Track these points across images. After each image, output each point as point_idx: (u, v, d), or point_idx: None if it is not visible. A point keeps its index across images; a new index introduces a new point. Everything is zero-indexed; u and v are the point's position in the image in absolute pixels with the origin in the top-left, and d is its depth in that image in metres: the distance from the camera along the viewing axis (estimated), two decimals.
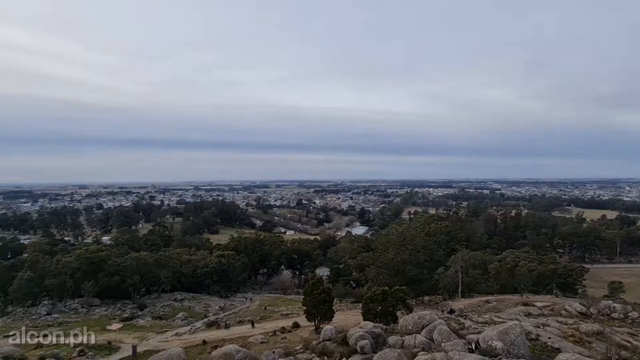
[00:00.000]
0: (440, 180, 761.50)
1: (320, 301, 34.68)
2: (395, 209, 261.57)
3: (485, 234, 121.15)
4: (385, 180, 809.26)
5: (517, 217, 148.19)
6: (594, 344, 27.99)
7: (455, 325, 28.56)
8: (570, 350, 23.60)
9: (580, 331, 29.99)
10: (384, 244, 62.03)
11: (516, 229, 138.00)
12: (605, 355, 24.10)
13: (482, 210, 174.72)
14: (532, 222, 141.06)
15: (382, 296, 33.43)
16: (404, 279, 52.13)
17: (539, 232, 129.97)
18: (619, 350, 25.47)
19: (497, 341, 20.12)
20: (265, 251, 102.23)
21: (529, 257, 75.17)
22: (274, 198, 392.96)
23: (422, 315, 27.21)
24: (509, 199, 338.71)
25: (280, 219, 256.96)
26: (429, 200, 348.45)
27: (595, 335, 29.53)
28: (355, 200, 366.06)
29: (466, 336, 23.62)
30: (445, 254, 72.09)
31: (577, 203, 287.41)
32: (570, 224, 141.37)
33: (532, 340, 26.59)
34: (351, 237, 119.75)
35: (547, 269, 67.79)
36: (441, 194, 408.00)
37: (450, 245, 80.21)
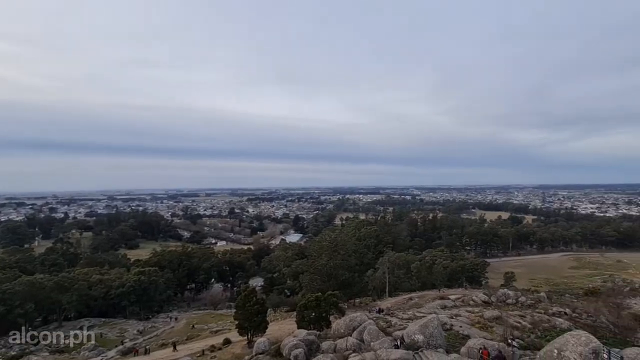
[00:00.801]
0: (370, 187, 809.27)
1: (254, 313, 33.60)
2: (328, 215, 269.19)
3: (408, 236, 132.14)
4: (318, 187, 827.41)
5: (434, 220, 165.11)
6: (495, 327, 32.46)
7: (383, 324, 30.37)
8: (477, 336, 26.98)
9: (484, 318, 34.47)
10: (317, 250, 63.12)
11: (433, 230, 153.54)
12: (503, 336, 28.19)
13: (405, 215, 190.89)
14: (446, 224, 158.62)
15: (315, 302, 33.84)
16: (336, 283, 53.67)
17: (451, 232, 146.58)
18: (512, 330, 30.04)
19: (419, 335, 21.91)
20: (193, 265, 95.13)
21: (444, 255, 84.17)
22: (203, 207, 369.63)
23: (353, 317, 28.27)
24: (427, 203, 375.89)
25: (211, 229, 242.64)
26: (359, 206, 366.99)
27: (496, 320, 34.28)
28: (289, 208, 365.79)
29: (393, 333, 25.28)
30: (374, 257, 76.40)
31: (479, 206, 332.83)
32: (474, 224, 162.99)
33: (447, 330, 29.70)
34: (285, 245, 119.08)
35: (458, 265, 76.74)
36: (370, 200, 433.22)
37: (378, 248, 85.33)
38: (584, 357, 13.34)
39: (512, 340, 25.60)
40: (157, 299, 74.40)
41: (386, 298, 58.30)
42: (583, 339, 14.25)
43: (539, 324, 33.47)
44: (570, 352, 13.68)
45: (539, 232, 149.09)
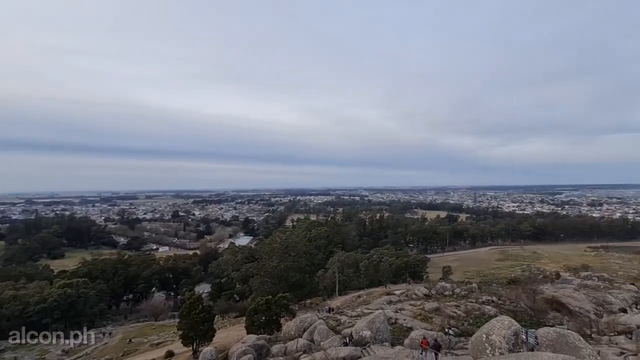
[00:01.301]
0: (321, 188, 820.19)
1: (199, 321, 31.92)
2: (279, 217, 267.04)
3: (357, 236, 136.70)
4: (269, 189, 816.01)
5: (380, 219, 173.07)
6: (434, 318, 35.08)
7: (333, 322, 31.01)
8: (419, 327, 28.91)
9: (425, 310, 37.04)
10: (268, 253, 62.23)
11: (380, 229, 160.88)
12: (441, 326, 30.59)
13: (354, 215, 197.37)
14: (392, 223, 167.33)
15: (266, 306, 33.33)
16: (287, 285, 53.44)
17: (396, 231, 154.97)
18: (449, 320, 32.74)
19: (366, 331, 22.78)
20: (130, 273, 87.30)
21: (390, 253, 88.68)
22: (143, 210, 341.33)
23: (303, 318, 28.43)
24: (375, 204, 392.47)
25: (152, 235, 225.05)
26: (311, 207, 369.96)
27: (435, 311, 37.05)
28: (239, 210, 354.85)
29: (342, 331, 25.95)
30: (324, 257, 77.58)
31: (421, 206, 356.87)
32: (417, 223, 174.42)
33: (393, 324, 31.34)
34: (235, 249, 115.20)
35: (402, 261, 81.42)
36: (321, 201, 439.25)
37: (328, 249, 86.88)
38: (507, 339, 15.08)
39: (448, 329, 27.90)
40: (87, 314, 66.80)
41: (336, 297, 59.54)
42: (506, 323, 16.12)
43: (471, 312, 36.95)
44: (496, 336, 15.38)
45: (471, 228, 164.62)
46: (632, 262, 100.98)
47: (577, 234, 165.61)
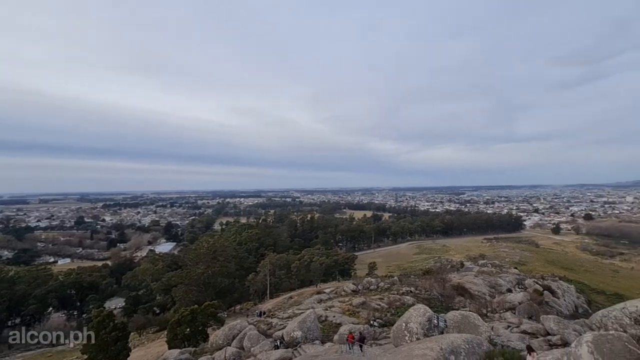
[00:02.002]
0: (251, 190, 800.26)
1: (110, 341, 28.24)
2: (207, 220, 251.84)
3: (288, 237, 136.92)
4: (196, 191, 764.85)
5: (311, 220, 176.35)
6: (361, 312, 37.20)
7: (264, 326, 30.56)
8: (347, 322, 30.33)
9: (353, 305, 39.00)
10: (193, 259, 58.31)
11: (311, 230, 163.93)
12: (367, 319, 32.61)
13: (285, 217, 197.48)
14: (322, 223, 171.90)
15: (191, 316, 31.16)
16: (215, 292, 50.83)
17: (326, 231, 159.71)
18: (374, 312, 35.08)
19: (297, 331, 23.02)
20: (17, 293, 72.59)
21: (320, 252, 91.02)
22: (36, 217, 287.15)
23: (232, 325, 27.41)
24: (306, 205, 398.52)
25: (48, 245, 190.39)
26: (241, 210, 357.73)
27: (362, 306, 39.30)
28: (160, 214, 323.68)
29: (273, 334, 25.75)
30: (255, 260, 75.97)
31: (349, 206, 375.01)
32: (345, 223, 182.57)
33: (323, 322, 32.28)
34: (155, 256, 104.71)
35: (332, 260, 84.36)
36: (252, 204, 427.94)
37: (260, 251, 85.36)
38: (422, 325, 16.87)
39: (373, 321, 29.88)
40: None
41: (267, 300, 58.79)
42: (421, 311, 18.02)
43: (393, 303, 40.18)
44: (413, 323, 17.08)
45: (393, 226, 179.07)
46: (515, 250, 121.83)
47: (476, 228, 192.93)
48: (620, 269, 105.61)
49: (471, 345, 10.67)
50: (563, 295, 52.42)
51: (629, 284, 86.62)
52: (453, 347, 10.33)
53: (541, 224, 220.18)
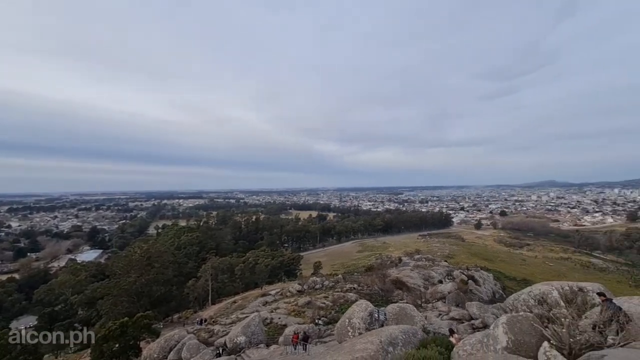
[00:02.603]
0: (192, 191, 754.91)
1: None
2: (140, 224, 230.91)
3: (232, 240, 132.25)
4: (127, 192, 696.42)
5: (256, 221, 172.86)
6: (307, 311, 37.55)
7: (206, 334, 29.11)
8: (293, 323, 30.37)
9: (298, 305, 39.18)
10: (124, 267, 52.98)
11: (256, 231, 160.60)
12: (312, 318, 33.01)
13: (229, 218, 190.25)
14: (267, 224, 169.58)
15: (120, 330, 28.26)
16: (149, 301, 46.92)
17: (272, 232, 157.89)
18: (319, 311, 35.65)
19: (241, 336, 22.37)
20: None
21: (266, 254, 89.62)
22: None
23: (169, 336, 25.63)
24: (251, 206, 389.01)
25: None
26: (180, 212, 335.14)
27: (307, 305, 39.68)
28: (82, 219, 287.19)
29: (215, 342, 24.65)
30: (196, 265, 71.84)
31: (295, 207, 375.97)
32: (291, 223, 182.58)
33: (268, 324, 31.85)
34: (76, 266, 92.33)
35: (277, 261, 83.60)
36: (192, 205, 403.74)
37: (201, 255, 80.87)
38: (364, 320, 17.65)
39: (318, 319, 30.36)
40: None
41: (209, 306, 56.04)
42: (363, 306, 18.85)
43: (338, 301, 41.32)
44: (356, 319, 17.78)
45: (338, 226, 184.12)
46: (445, 245, 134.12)
47: (412, 225, 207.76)
48: (527, 258, 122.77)
49: (407, 335, 11.50)
50: (484, 283, 59.13)
51: (534, 270, 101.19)
52: (391, 338, 11.02)
53: (466, 220, 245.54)
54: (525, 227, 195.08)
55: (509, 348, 8.41)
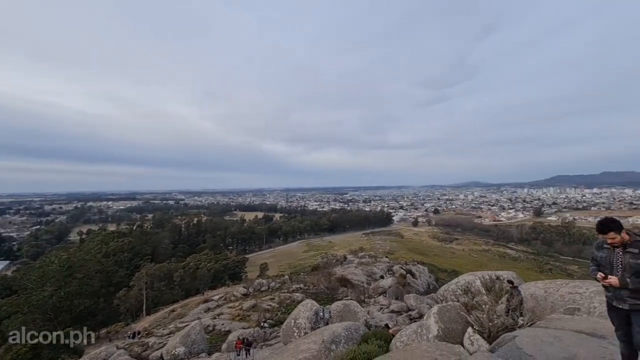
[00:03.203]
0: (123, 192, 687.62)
1: None
2: (59, 229, 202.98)
3: (171, 244, 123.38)
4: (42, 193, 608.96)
5: (198, 224, 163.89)
6: (252, 315, 36.71)
7: (139, 348, 26.82)
8: (237, 328, 29.46)
9: (243, 309, 38.12)
10: (38, 280, 46.03)
11: (198, 234, 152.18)
12: (258, 321, 32.40)
13: (167, 221, 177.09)
14: (210, 226, 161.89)
15: (32, 353, 24.65)
16: (70, 317, 41.55)
17: (215, 234, 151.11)
18: (265, 314, 35.13)
19: (180, 347, 21.08)
20: None
21: (208, 257, 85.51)
22: None
23: (95, 354, 23.09)
24: (192, 208, 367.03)
25: None
26: (109, 215, 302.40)
27: (252, 309, 38.79)
28: None
29: (150, 356, 22.86)
30: (128, 273, 65.65)
31: (240, 208, 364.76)
32: (236, 224, 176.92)
33: (211, 332, 30.45)
34: None
35: (221, 265, 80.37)
36: (124, 207, 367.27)
37: (134, 263, 74.13)
38: (309, 320, 17.87)
39: (264, 322, 29.93)
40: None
41: (144, 317, 51.60)
42: (309, 306, 19.08)
43: (284, 302, 41.14)
44: (302, 319, 17.93)
45: (284, 226, 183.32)
46: (386, 242, 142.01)
47: (356, 224, 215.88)
48: (456, 251, 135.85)
49: (350, 331, 11.96)
50: (420, 276, 63.91)
51: (462, 262, 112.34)
52: (334, 336, 11.36)
53: (405, 218, 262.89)
54: (455, 224, 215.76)
55: (440, 336, 9.27)
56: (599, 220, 5.02)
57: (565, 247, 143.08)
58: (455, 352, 6.91)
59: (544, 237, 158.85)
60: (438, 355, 6.55)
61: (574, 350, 6.32)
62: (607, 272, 4.88)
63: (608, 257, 4.94)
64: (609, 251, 4.95)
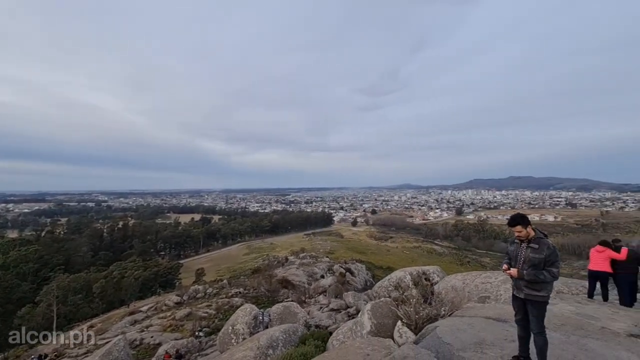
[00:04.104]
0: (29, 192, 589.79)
1: None
2: None
3: (90, 252, 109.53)
4: None
5: (124, 228, 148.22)
6: (186, 324, 34.46)
7: None
8: (168, 340, 27.39)
9: (176, 319, 35.56)
10: None
11: (124, 239, 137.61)
12: (192, 330, 30.55)
13: (86, 226, 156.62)
14: (139, 231, 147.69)
15: None
16: None
17: (144, 239, 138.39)
18: (200, 322, 33.28)
19: None
20: None
21: (136, 265, 77.99)
22: None
23: None
24: (117, 210, 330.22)
25: None
26: (8, 219, 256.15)
27: (187, 318, 36.43)
28: None
29: None
30: (34, 287, 56.60)
31: (175, 210, 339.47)
32: (170, 228, 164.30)
33: (138, 346, 27.82)
34: None
35: (151, 272, 73.98)
36: (29, 211, 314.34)
37: (42, 274, 64.16)
38: (248, 325, 17.44)
39: (199, 331, 28.37)
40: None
41: (53, 337, 44.87)
42: (248, 310, 18.62)
43: (222, 308, 39.41)
44: (240, 324, 17.41)
45: (223, 228, 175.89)
46: (327, 242, 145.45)
47: (298, 225, 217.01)
48: (391, 249, 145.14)
49: (288, 334, 11.98)
50: (358, 274, 66.72)
51: (396, 259, 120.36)
52: (271, 340, 11.28)
53: (345, 218, 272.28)
54: (390, 223, 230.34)
55: (373, 331, 9.85)
56: (511, 215, 5.82)
57: (480, 242, 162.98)
58: (386, 346, 7.42)
59: (464, 234, 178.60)
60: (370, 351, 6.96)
61: (482, 335, 7.26)
62: (514, 264, 5.73)
63: (516, 250, 5.80)
64: (517, 245, 5.81)
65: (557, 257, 5.35)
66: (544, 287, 5.35)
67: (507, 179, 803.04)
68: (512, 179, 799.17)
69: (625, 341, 6.89)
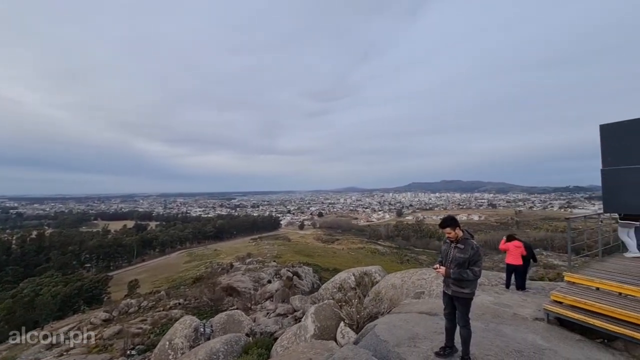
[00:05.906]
0: None
1: None
2: None
3: None
4: None
5: (39, 238, 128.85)
6: (116, 343, 31.19)
7: None
8: None
9: (104, 338, 32.00)
10: None
11: (39, 252, 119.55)
12: (123, 349, 27.76)
13: None
14: (58, 241, 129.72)
15: None
16: None
17: (65, 251, 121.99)
18: (133, 339, 30.39)
19: None
20: None
21: (54, 280, 68.54)
22: None
23: None
24: (30, 218, 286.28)
25: None
26: None
27: (117, 335, 33.00)
28: None
29: None
30: None
31: (103, 217, 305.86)
32: (97, 237, 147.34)
33: None
34: None
35: (73, 287, 65.61)
36: None
37: None
38: (188, 338, 16.45)
39: (131, 350, 25.93)
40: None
41: None
42: (188, 322, 17.57)
43: (159, 322, 36.44)
44: (179, 338, 16.34)
45: (161, 236, 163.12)
46: (274, 246, 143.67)
47: (245, 229, 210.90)
48: (337, 251, 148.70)
49: (229, 345, 11.60)
50: (305, 277, 66.99)
51: (342, 260, 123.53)
52: (211, 353, 10.83)
53: (292, 222, 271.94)
54: (336, 225, 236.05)
55: (317, 334, 10.03)
56: (442, 218, 6.39)
57: (418, 241, 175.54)
58: (328, 348, 7.63)
59: (404, 234, 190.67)
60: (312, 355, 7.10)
61: (416, 330, 7.88)
62: (444, 262, 6.32)
63: (446, 250, 6.41)
64: (448, 245, 6.41)
65: (479, 257, 6.03)
66: (469, 285, 6.00)
67: (440, 183, 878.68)
68: (444, 182, 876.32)
69: (532, 324, 8.10)
